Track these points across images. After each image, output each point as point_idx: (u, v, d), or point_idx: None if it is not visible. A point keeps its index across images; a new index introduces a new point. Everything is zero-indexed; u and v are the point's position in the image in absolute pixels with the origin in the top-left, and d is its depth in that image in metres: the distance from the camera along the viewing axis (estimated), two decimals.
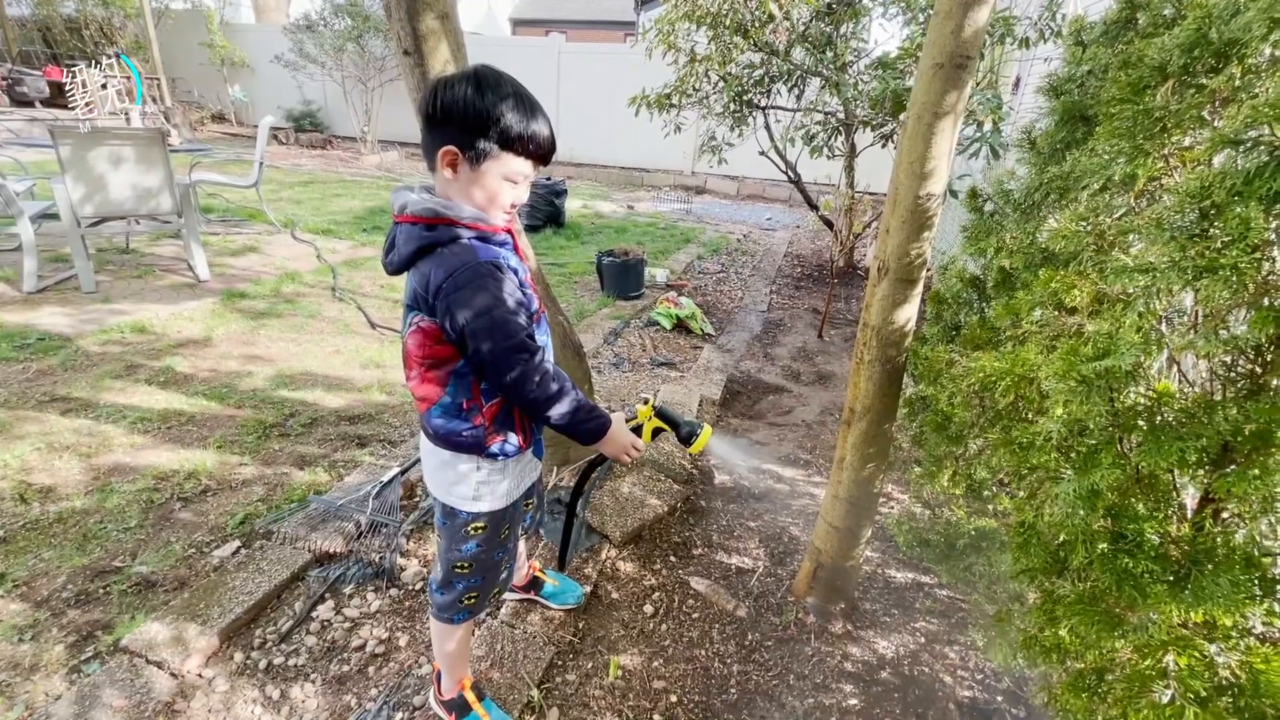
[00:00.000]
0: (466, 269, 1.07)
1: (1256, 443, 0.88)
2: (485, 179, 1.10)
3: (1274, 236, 0.91)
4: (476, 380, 1.19)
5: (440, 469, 1.29)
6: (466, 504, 1.29)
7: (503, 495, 1.32)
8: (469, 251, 1.09)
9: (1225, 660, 0.88)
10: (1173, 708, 0.86)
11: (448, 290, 1.07)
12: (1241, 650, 0.88)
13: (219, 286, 4.50)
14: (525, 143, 1.09)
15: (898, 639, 1.94)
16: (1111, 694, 0.96)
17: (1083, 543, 1.04)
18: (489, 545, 1.36)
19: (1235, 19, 1.04)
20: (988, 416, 1.51)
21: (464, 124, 1.06)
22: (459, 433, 1.22)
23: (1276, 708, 0.81)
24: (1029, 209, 1.71)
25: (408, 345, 1.18)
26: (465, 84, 1.05)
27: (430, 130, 1.10)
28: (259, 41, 12.43)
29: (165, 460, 2.55)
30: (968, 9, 1.38)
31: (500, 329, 1.09)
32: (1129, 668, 0.94)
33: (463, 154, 1.08)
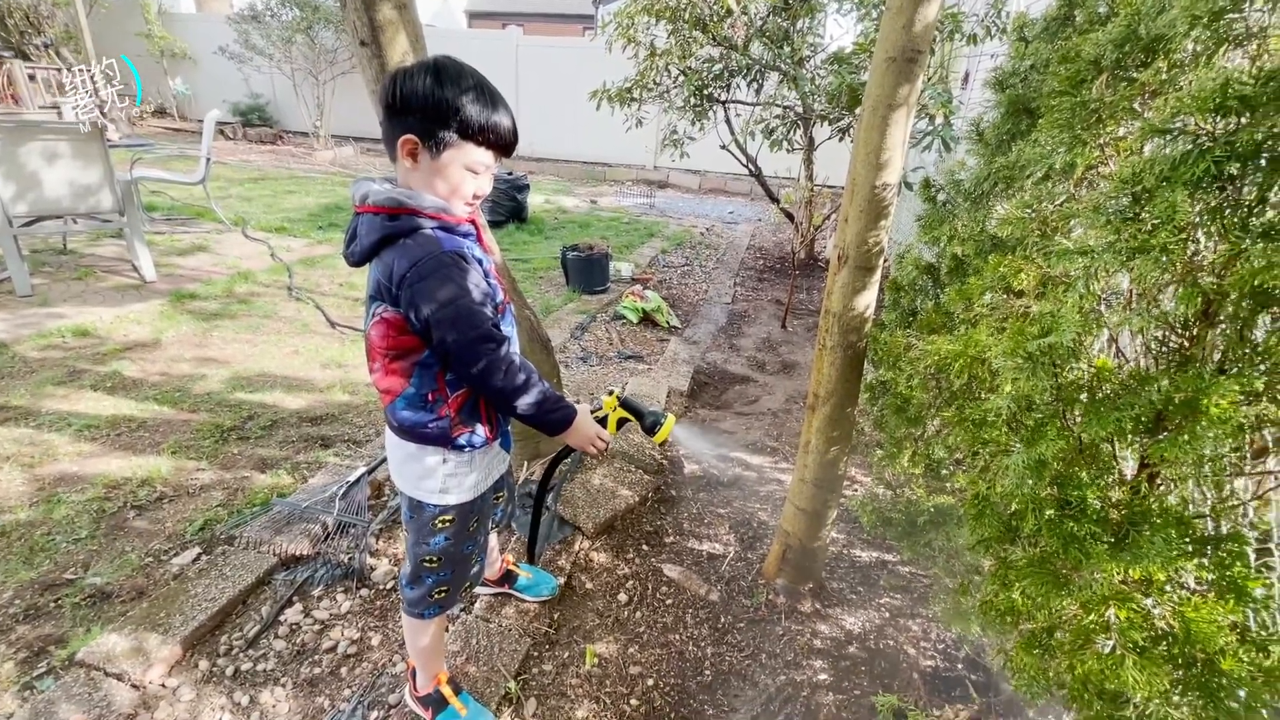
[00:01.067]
0: (430, 259, 1.07)
1: (1185, 411, 0.95)
2: (446, 169, 1.09)
3: (1199, 219, 0.98)
4: (442, 371, 1.19)
5: (406, 462, 1.28)
6: (434, 497, 1.29)
7: (470, 488, 1.32)
8: (433, 242, 1.09)
9: (1160, 612, 0.95)
10: (1114, 657, 0.92)
11: (412, 280, 1.06)
12: (1174, 602, 0.95)
13: (167, 287, 4.33)
14: (486, 133, 1.08)
15: (864, 615, 2.01)
16: (1060, 649, 1.03)
17: (1032, 511, 1.10)
18: (457, 539, 1.35)
19: (1161, 16, 1.11)
20: (944, 397, 1.58)
21: (424, 113, 1.05)
22: (424, 425, 1.21)
23: (1206, 651, 0.88)
24: (979, 198, 1.79)
25: (371, 337, 1.16)
26: (426, 74, 1.04)
27: (390, 120, 1.08)
28: (201, 32, 11.90)
29: (116, 468, 2.45)
30: (917, 5, 1.43)
31: (465, 319, 1.09)
32: (1075, 624, 1.00)
33: (423, 143, 1.07)
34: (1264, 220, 0.92)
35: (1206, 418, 0.91)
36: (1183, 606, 0.93)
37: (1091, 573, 1.00)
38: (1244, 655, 0.87)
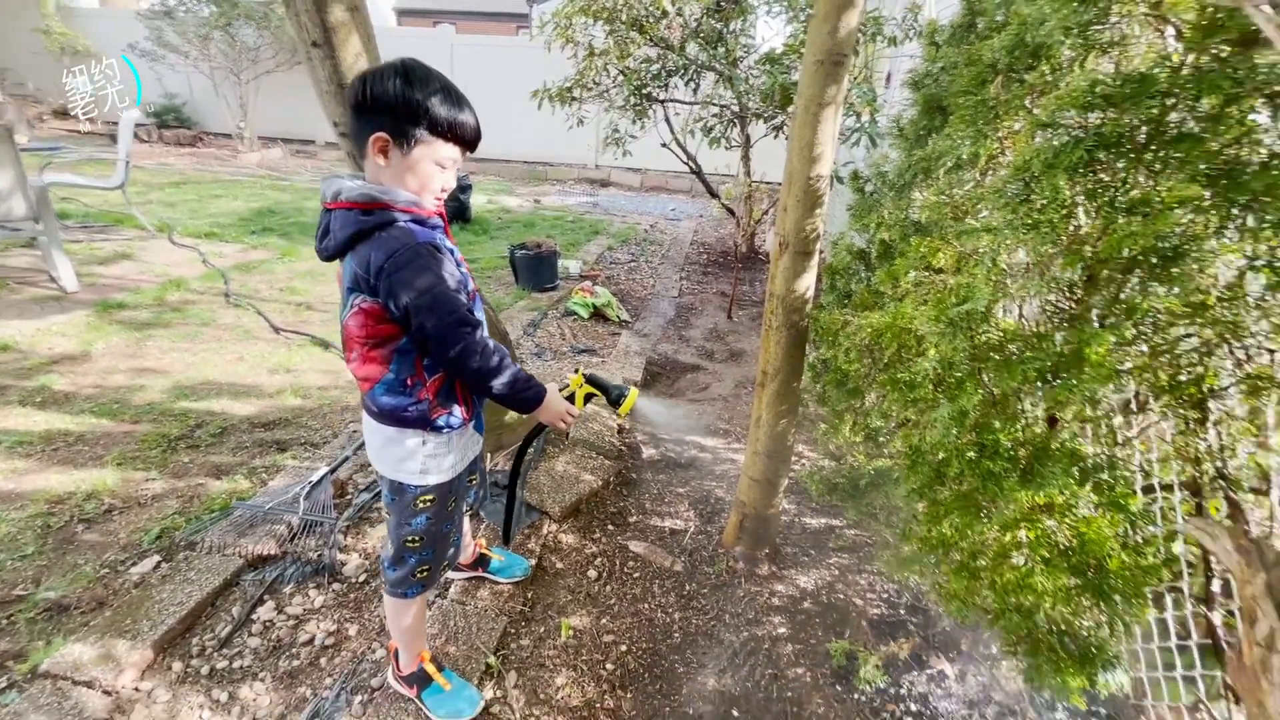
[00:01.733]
0: (406, 250, 1.13)
1: (1073, 360, 1.13)
2: (417, 164, 1.16)
3: (1078, 199, 1.17)
4: (419, 357, 1.25)
5: (386, 446, 1.34)
6: (415, 478, 1.35)
7: (449, 468, 1.39)
8: (407, 234, 1.15)
9: (1060, 530, 1.13)
10: (1025, 569, 1.09)
11: (389, 270, 1.12)
12: (1072, 521, 1.13)
13: (91, 298, 4.11)
14: (453, 129, 1.16)
15: (815, 574, 2.18)
16: (983, 571, 1.20)
17: (955, 456, 1.27)
18: (438, 518, 1.42)
19: (1043, 26, 1.29)
20: (878, 366, 1.75)
21: (395, 112, 1.11)
22: (404, 408, 1.27)
23: (1097, 558, 1.06)
24: (902, 188, 1.98)
25: (349, 327, 1.22)
26: (396, 75, 1.10)
27: (360, 118, 1.14)
28: (108, 28, 11.16)
29: (56, 483, 2.36)
30: (841, 12, 1.59)
31: (442, 305, 1.16)
32: (994, 546, 1.17)
33: (394, 140, 1.13)
34: (1128, 198, 1.10)
35: (1089, 364, 1.09)
36: (1078, 524, 1.11)
37: (1005, 503, 1.18)
38: (1126, 558, 1.06)
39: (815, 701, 1.71)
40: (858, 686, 1.74)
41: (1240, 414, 1.17)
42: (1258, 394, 1.13)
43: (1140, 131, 1.07)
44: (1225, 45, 1.03)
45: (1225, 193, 0.97)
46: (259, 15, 10.05)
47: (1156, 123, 1.06)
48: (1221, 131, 0.99)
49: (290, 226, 6.35)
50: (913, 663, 1.81)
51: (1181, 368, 1.20)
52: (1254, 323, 1.13)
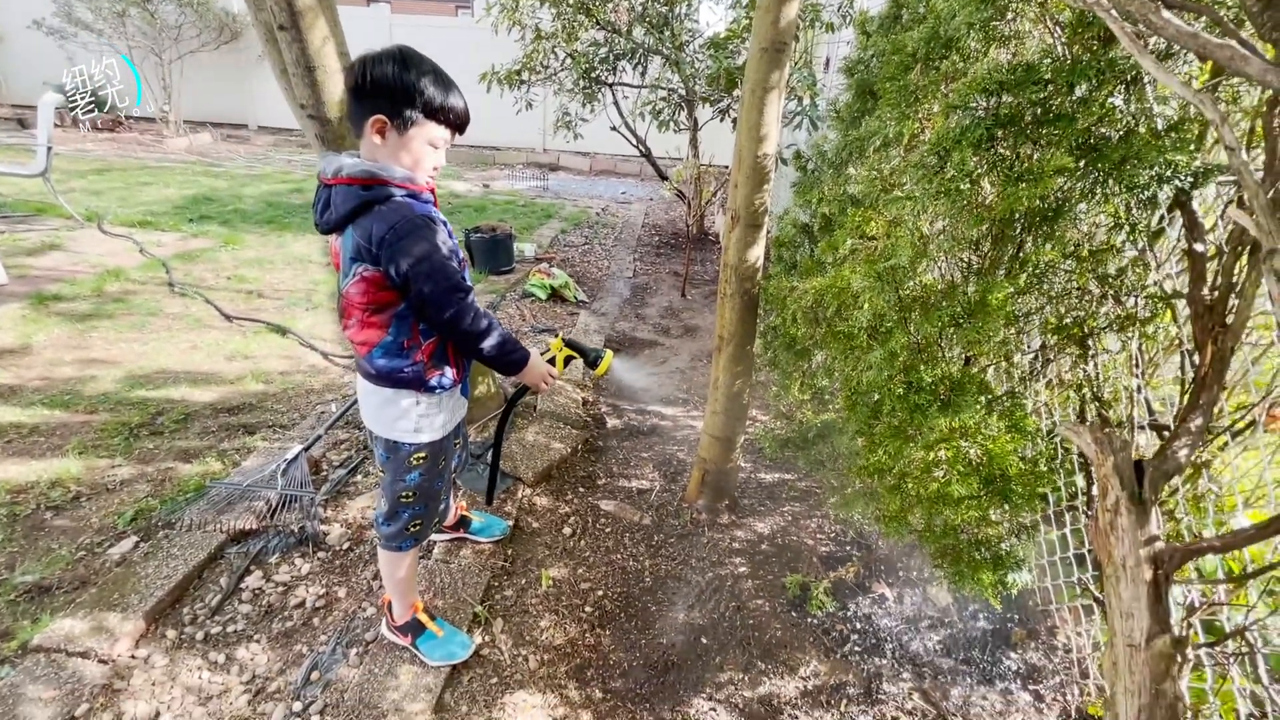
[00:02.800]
0: (406, 222, 1.23)
1: (979, 307, 1.34)
2: (411, 143, 1.26)
3: (982, 170, 1.37)
4: (416, 321, 1.36)
5: (383, 407, 1.44)
6: (409, 436, 1.46)
7: (440, 427, 1.50)
8: (405, 207, 1.25)
9: (972, 448, 1.34)
10: (943, 481, 1.30)
11: (390, 241, 1.22)
12: (980, 441, 1.35)
13: (22, 290, 3.94)
14: (446, 111, 1.27)
15: (771, 521, 2.39)
16: (910, 486, 1.41)
17: (888, 395, 1.47)
18: (429, 474, 1.54)
19: (953, 21, 1.48)
20: (821, 326, 1.95)
21: (391, 95, 1.21)
22: (401, 370, 1.38)
23: (1001, 468, 1.28)
24: (839, 165, 2.17)
25: (350, 294, 1.31)
26: (391, 61, 1.20)
27: (359, 101, 1.23)
28: (7, 3, 10.33)
29: (15, 474, 2.33)
30: (781, 4, 1.75)
31: (439, 271, 1.27)
32: (919, 465, 1.38)
33: (391, 122, 1.23)
34: (1019, 169, 1.31)
35: (991, 309, 1.30)
36: (986, 442, 1.33)
37: (929, 430, 1.38)
38: (1024, 467, 1.28)
39: (774, 626, 1.91)
40: (811, 612, 1.96)
41: (1112, 348, 1.41)
42: (1125, 331, 1.37)
43: (1028, 112, 1.28)
44: (1093, 41, 1.25)
45: (1092, 163, 1.19)
46: None
47: (1042, 105, 1.27)
48: (1089, 112, 1.20)
49: (230, 214, 6.15)
50: (857, 589, 2.04)
51: (1068, 312, 1.44)
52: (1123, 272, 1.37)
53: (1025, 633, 1.90)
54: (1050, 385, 1.66)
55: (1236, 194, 1.20)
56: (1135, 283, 1.34)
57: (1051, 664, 1.83)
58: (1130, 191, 1.17)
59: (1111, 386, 1.38)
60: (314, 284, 4.56)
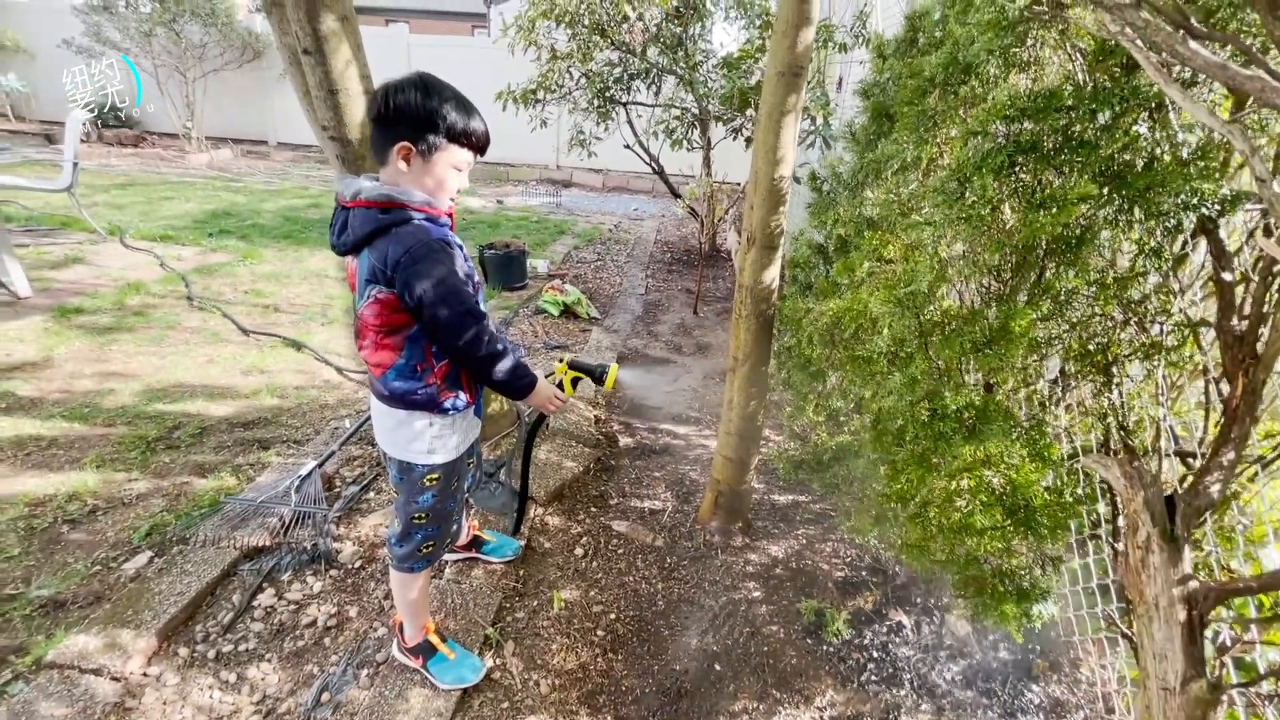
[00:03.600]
0: (421, 246, 1.24)
1: (1000, 333, 1.32)
2: (435, 168, 1.28)
3: (1003, 196, 1.36)
4: (429, 344, 1.36)
5: (397, 429, 1.44)
6: (423, 458, 1.46)
7: (453, 448, 1.50)
8: (422, 231, 1.26)
9: (996, 478, 1.32)
10: (966, 511, 1.28)
11: (406, 264, 1.23)
12: (1004, 470, 1.33)
13: (45, 303, 4.01)
14: (468, 135, 1.29)
15: (785, 544, 2.36)
16: (933, 518, 1.38)
17: (911, 421, 1.46)
18: (442, 496, 1.53)
19: (972, 46, 1.48)
20: (838, 348, 1.93)
21: (415, 122, 1.23)
22: (414, 392, 1.38)
23: (1025, 498, 1.26)
24: (855, 187, 2.17)
25: (365, 316, 1.32)
26: (413, 89, 1.22)
27: (382, 129, 1.25)
28: (39, 22, 10.64)
29: (33, 486, 2.36)
30: (799, 29, 1.76)
31: (454, 296, 1.28)
32: (941, 494, 1.36)
33: (415, 148, 1.24)
34: (1041, 196, 1.30)
35: (1013, 336, 1.29)
36: (1011, 471, 1.30)
37: (953, 458, 1.36)
38: (1048, 498, 1.25)
39: (789, 654, 1.88)
40: (827, 639, 1.92)
41: (1137, 376, 1.39)
42: (1150, 359, 1.35)
43: (1050, 139, 1.27)
44: (1116, 68, 1.24)
45: (1116, 190, 1.17)
46: (205, 12, 9.76)
47: (1063, 132, 1.27)
48: (1113, 139, 1.19)
49: (249, 229, 6.25)
50: (874, 616, 2.01)
51: (1091, 338, 1.42)
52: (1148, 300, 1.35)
53: (1047, 665, 1.86)
54: (1070, 411, 1.63)
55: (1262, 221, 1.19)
56: (1159, 309, 1.32)
57: (1075, 698, 1.78)
58: (1155, 219, 1.16)
59: (1137, 415, 1.36)
60: (329, 299, 4.60)
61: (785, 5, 1.73)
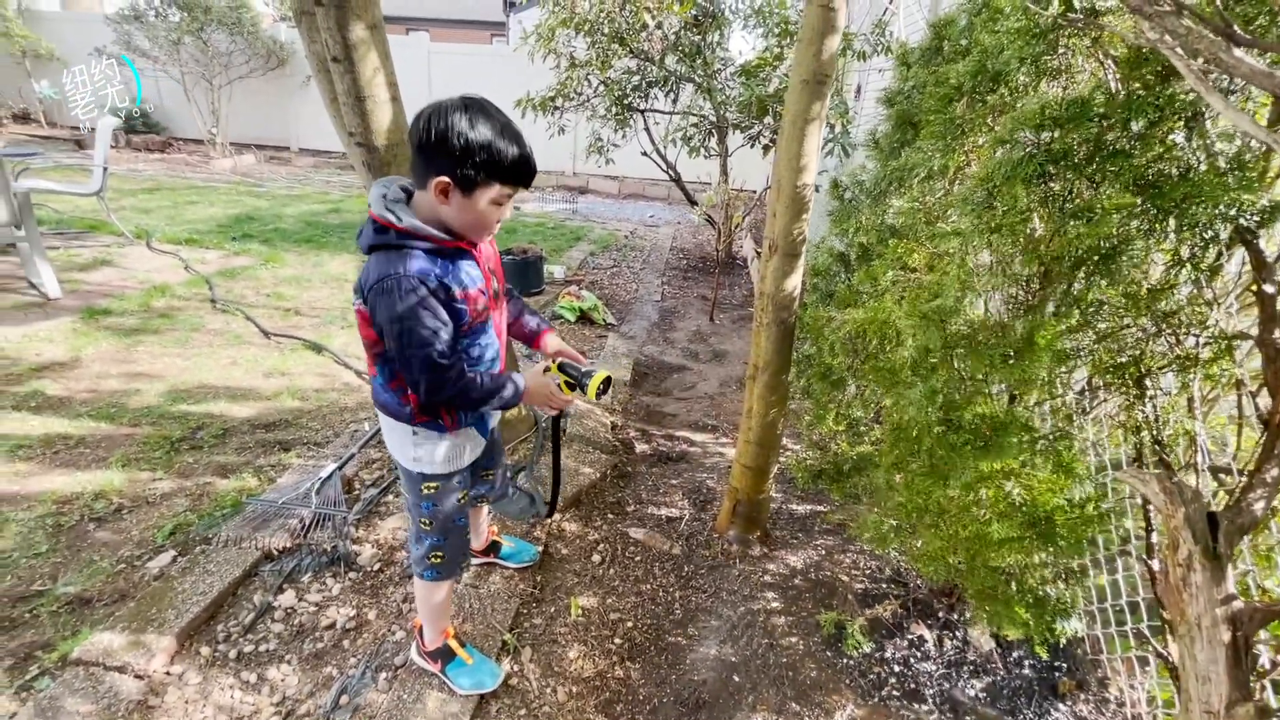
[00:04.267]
0: (393, 278, 1.16)
1: (1027, 344, 1.30)
2: (475, 204, 1.19)
3: (1033, 205, 1.35)
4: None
5: (390, 434, 1.45)
6: (414, 465, 1.44)
7: (441, 461, 1.44)
8: (402, 261, 1.17)
9: (1015, 490, 1.30)
10: (984, 522, 1.26)
11: (375, 291, 1.18)
12: (1024, 482, 1.30)
13: (74, 304, 4.09)
14: (514, 171, 1.18)
15: (804, 554, 2.34)
16: (950, 528, 1.36)
17: (927, 432, 1.44)
18: (443, 505, 1.49)
19: (1001, 55, 1.47)
20: (860, 358, 1.92)
21: (458, 155, 1.12)
22: (390, 405, 1.38)
23: (1046, 511, 1.23)
24: (878, 195, 2.16)
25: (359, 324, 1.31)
26: (458, 117, 1.12)
27: (423, 158, 1.16)
28: (73, 32, 10.94)
29: (61, 484, 2.40)
30: (824, 37, 1.76)
31: (409, 339, 1.19)
32: (958, 504, 1.34)
33: (455, 184, 1.15)
34: (1073, 205, 1.28)
35: (1039, 348, 1.27)
36: (1031, 483, 1.28)
37: (966, 470, 1.34)
38: (1070, 511, 1.23)
39: (808, 666, 1.86)
40: (846, 652, 1.90)
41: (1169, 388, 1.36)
42: (1186, 371, 1.32)
43: (1082, 148, 1.25)
44: (1150, 76, 1.22)
45: (1152, 200, 1.15)
46: (231, 21, 9.97)
47: (1096, 141, 1.25)
48: (1147, 148, 1.17)
49: (271, 233, 6.34)
50: (895, 629, 1.98)
51: (1122, 350, 1.39)
52: (1181, 312, 1.32)
53: (1074, 683, 1.82)
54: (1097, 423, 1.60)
55: None
56: (1194, 321, 1.29)
57: (1103, 718, 1.74)
58: (1192, 230, 1.13)
59: (1172, 429, 1.33)
60: (349, 303, 4.65)
61: (811, 13, 1.73)
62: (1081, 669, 1.86)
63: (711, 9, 5.57)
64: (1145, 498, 1.18)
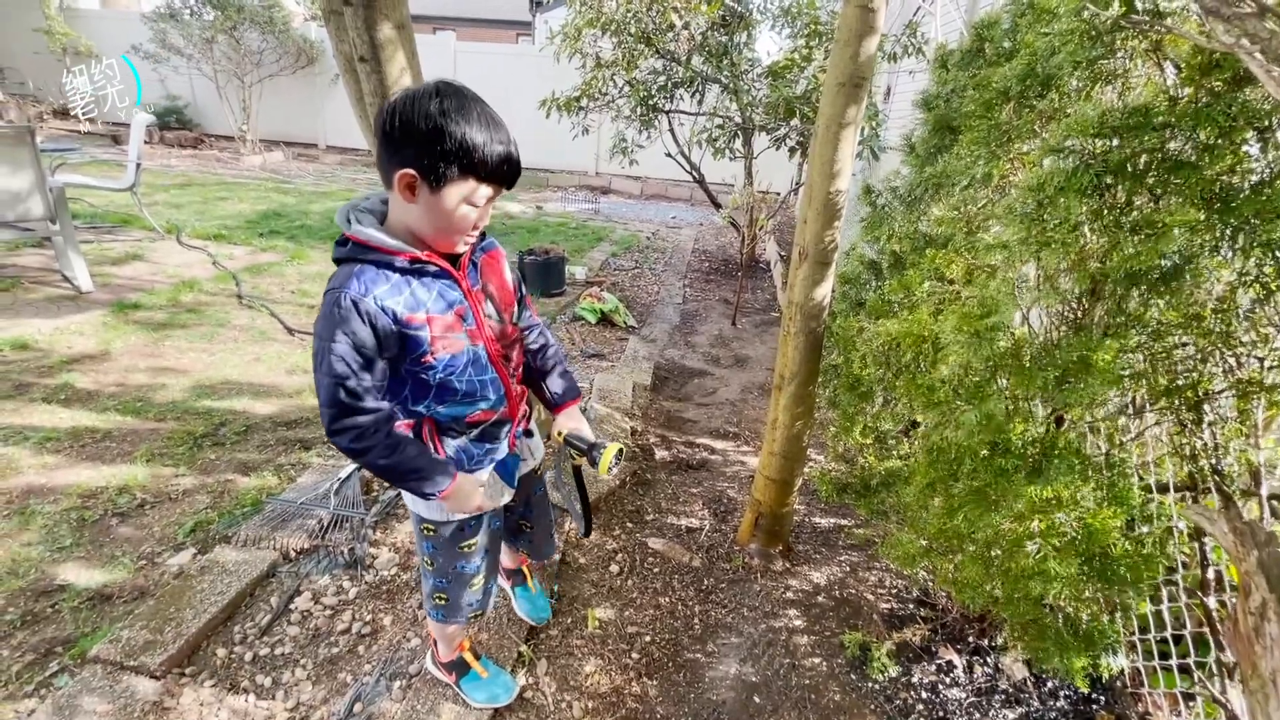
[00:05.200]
0: (331, 294, 1.04)
1: (1080, 366, 1.23)
2: (445, 204, 1.02)
3: (1086, 218, 1.27)
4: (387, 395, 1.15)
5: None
6: (410, 502, 1.34)
7: (438, 509, 1.29)
8: (347, 278, 1.04)
9: (1069, 521, 1.23)
10: (1037, 558, 1.19)
11: (321, 304, 1.06)
12: (1079, 513, 1.23)
13: (106, 298, 4.16)
14: (489, 166, 1.01)
15: (828, 571, 2.27)
16: (998, 559, 1.29)
17: (970, 454, 1.37)
18: (440, 550, 1.36)
19: (1053, 58, 1.40)
20: (893, 371, 1.85)
21: (425, 145, 0.97)
22: None
23: (1101, 545, 1.16)
24: (912, 202, 2.08)
25: None
26: (427, 101, 0.96)
27: (387, 149, 1.01)
28: (111, 30, 11.21)
29: (87, 478, 2.42)
30: (862, 38, 1.70)
31: (321, 359, 1.04)
32: (1009, 536, 1.27)
33: (422, 178, 0.99)
34: (1132, 219, 1.21)
35: (1096, 370, 1.19)
36: (1086, 515, 1.21)
37: (1015, 498, 1.27)
38: (1128, 546, 1.16)
39: (831, 689, 1.80)
40: (871, 675, 1.83)
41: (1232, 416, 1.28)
42: (1247, 398, 1.24)
43: (1143, 159, 1.18)
44: (1219, 82, 1.15)
45: (1219, 215, 1.08)
46: (263, 20, 10.13)
47: (1157, 151, 1.17)
48: (1216, 160, 1.10)
49: (297, 230, 6.41)
50: (922, 653, 1.91)
51: (1179, 373, 1.31)
52: (1243, 332, 1.24)
53: (1112, 716, 1.73)
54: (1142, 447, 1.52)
55: None
56: (1260, 343, 1.21)
57: None
58: (1265, 249, 1.06)
59: (1233, 459, 1.25)
60: None
61: (848, 14, 1.66)
62: (1121, 702, 1.77)
63: (739, 9, 5.50)
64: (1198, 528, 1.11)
